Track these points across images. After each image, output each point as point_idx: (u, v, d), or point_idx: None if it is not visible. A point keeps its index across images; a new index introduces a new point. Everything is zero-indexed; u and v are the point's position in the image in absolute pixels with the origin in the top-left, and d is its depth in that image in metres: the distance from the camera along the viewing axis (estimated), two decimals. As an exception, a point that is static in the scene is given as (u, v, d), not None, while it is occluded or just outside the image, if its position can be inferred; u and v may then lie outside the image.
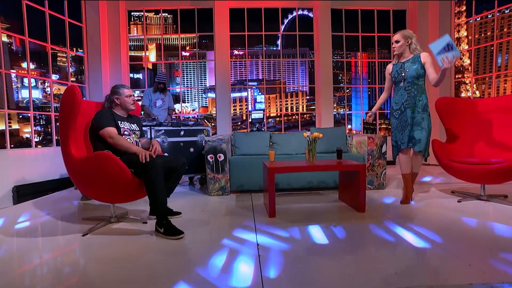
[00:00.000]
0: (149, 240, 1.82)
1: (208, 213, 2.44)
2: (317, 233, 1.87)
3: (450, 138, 3.05)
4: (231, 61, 5.33)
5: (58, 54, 5.00)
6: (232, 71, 5.53)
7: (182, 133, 3.48)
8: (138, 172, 1.95)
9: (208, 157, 3.05)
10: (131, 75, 5.23)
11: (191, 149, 3.54)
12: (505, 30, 5.22)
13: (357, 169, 2.30)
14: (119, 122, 2.18)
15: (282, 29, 5.58)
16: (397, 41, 2.58)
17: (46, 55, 4.47)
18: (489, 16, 5.15)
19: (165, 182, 1.97)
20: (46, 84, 4.84)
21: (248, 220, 2.18)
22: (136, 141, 2.25)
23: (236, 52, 5.67)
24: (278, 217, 2.25)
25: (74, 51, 5.03)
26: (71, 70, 4.98)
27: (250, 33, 5.36)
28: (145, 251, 1.66)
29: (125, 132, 2.19)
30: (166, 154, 3.31)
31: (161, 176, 1.91)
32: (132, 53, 5.26)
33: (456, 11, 5.43)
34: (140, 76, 5.50)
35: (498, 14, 4.93)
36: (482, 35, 5.38)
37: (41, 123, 4.88)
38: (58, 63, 5.07)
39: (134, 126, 2.33)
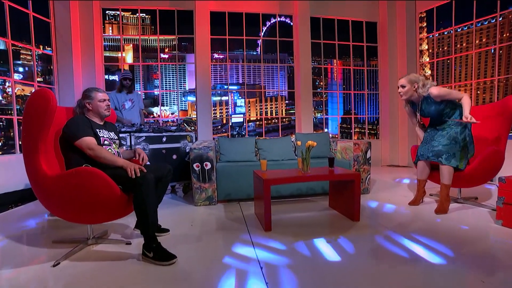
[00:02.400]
0: (137, 268, 1.51)
1: (198, 228, 2.16)
2: (323, 248, 1.69)
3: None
4: (211, 65, 5.02)
5: (22, 52, 4.34)
6: (212, 74, 5.23)
7: (164, 139, 3.14)
8: (126, 188, 1.63)
9: (194, 165, 2.76)
10: (106, 76, 4.70)
11: (174, 156, 3.22)
12: (458, 46, 5.50)
13: (352, 178, 2.17)
14: (97, 130, 1.83)
15: (262, 35, 5.39)
16: (402, 86, 2.41)
17: (6, 52, 3.83)
18: (445, 33, 5.42)
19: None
20: (7, 84, 4.16)
21: (244, 236, 1.95)
22: (117, 151, 1.92)
23: (216, 55, 5.38)
24: (274, 231, 2.04)
25: (41, 48, 4.39)
26: (37, 69, 4.35)
27: (231, 37, 5.10)
28: (136, 282, 1.36)
29: (105, 142, 1.85)
30: (148, 162, 2.96)
31: (153, 192, 1.62)
32: (107, 54, 4.73)
33: (419, 26, 5.66)
34: (115, 78, 4.97)
35: (452, 32, 5.21)
36: (440, 49, 5.64)
37: (1, 127, 4.20)
38: (22, 61, 4.40)
39: (113, 135, 1.99)
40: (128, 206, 1.70)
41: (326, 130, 5.90)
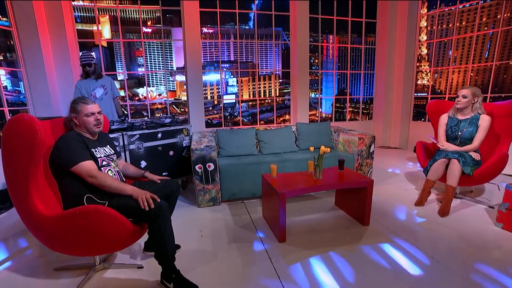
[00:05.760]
0: (157, 303, 1.43)
1: (208, 239, 2.08)
2: (341, 266, 1.69)
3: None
4: (201, 42, 4.54)
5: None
6: (202, 51, 4.77)
7: (159, 135, 2.89)
8: (138, 219, 1.48)
9: (196, 167, 2.60)
10: (81, 53, 4.11)
11: (171, 152, 3.01)
12: (457, 24, 5.32)
13: (366, 185, 2.13)
14: (93, 150, 1.59)
15: (256, 7, 4.88)
16: (464, 96, 2.46)
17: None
18: (445, 10, 5.19)
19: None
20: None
21: (260, 250, 1.91)
22: (117, 171, 1.71)
23: (205, 30, 4.86)
24: (288, 241, 2.02)
25: (-4, 20, 3.70)
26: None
27: (222, 10, 4.56)
28: (159, 327, 1.29)
29: (103, 162, 1.63)
30: (158, 181, 2.76)
31: (170, 222, 1.49)
32: (80, 27, 4.08)
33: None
34: (92, 54, 4.37)
35: (453, 9, 4.99)
36: (439, 27, 5.46)
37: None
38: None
39: (108, 149, 1.75)
40: (141, 233, 1.57)
41: (320, 109, 5.79)
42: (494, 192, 2.87)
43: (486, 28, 4.62)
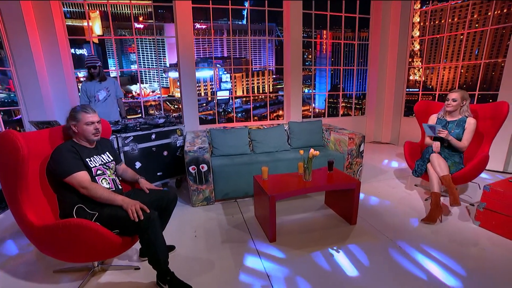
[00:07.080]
0: (153, 304, 1.52)
1: (202, 240, 2.17)
2: (327, 265, 1.79)
3: (422, 139, 3.14)
4: (194, 38, 4.51)
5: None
6: (195, 47, 4.74)
7: (153, 136, 2.93)
8: (129, 230, 1.54)
9: (190, 168, 2.66)
10: (72, 50, 4.06)
11: (165, 153, 3.05)
12: (449, 20, 5.34)
13: (353, 187, 2.23)
14: (87, 160, 1.63)
15: (248, 3, 4.82)
16: (454, 100, 2.55)
17: None
18: (438, 6, 5.19)
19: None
20: None
21: (251, 250, 2.00)
22: (113, 179, 1.75)
23: (198, 25, 4.80)
24: (278, 241, 2.12)
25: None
26: (-18, 42, 3.63)
27: (215, 6, 4.50)
28: (155, 327, 1.38)
29: (98, 172, 1.67)
30: (147, 191, 2.80)
31: (160, 232, 1.55)
32: (69, 22, 4.00)
33: (413, -5, 5.34)
34: (84, 51, 4.33)
35: (446, 5, 5.00)
36: (432, 22, 5.48)
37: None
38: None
39: (106, 156, 1.80)
40: (131, 242, 1.64)
41: (313, 105, 5.84)
42: (476, 190, 3.00)
43: (477, 26, 4.66)
